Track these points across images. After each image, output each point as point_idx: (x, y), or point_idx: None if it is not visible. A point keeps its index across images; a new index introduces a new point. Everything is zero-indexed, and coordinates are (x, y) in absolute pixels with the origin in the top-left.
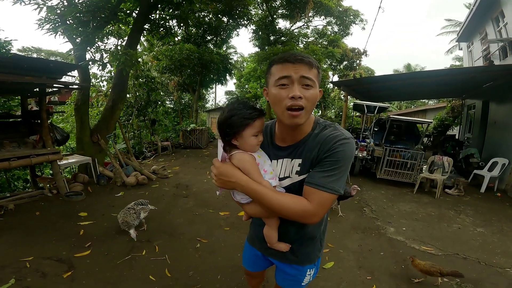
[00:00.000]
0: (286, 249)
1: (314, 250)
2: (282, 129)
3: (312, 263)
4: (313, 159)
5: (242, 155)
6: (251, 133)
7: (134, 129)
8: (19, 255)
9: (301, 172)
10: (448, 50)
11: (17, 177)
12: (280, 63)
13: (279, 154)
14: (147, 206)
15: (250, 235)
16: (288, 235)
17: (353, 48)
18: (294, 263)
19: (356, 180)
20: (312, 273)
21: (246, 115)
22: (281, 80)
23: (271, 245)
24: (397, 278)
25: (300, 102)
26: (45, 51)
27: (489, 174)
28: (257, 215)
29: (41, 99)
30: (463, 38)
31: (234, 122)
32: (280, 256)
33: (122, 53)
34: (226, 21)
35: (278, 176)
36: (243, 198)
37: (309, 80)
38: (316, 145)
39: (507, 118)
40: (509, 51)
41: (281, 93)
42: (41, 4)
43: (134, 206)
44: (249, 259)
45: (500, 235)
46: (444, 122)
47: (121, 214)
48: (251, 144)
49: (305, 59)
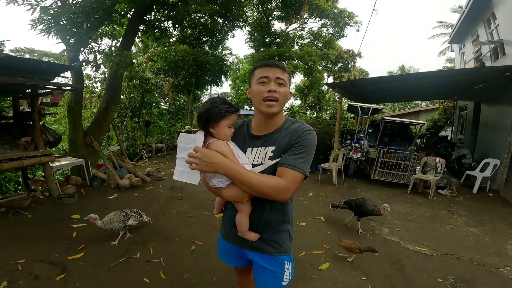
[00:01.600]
0: (255, 239)
1: (284, 239)
2: (259, 120)
3: (286, 253)
4: (285, 145)
5: (219, 142)
6: (226, 124)
7: (128, 131)
8: (11, 257)
9: (273, 157)
10: (441, 52)
11: (8, 179)
12: (262, 67)
13: (254, 143)
14: (141, 216)
15: (224, 230)
16: (258, 223)
17: (347, 50)
18: (268, 253)
19: (350, 181)
20: (290, 267)
21: (225, 108)
22: (261, 79)
23: (242, 234)
24: (392, 279)
25: (275, 94)
26: (38, 52)
27: (481, 174)
28: (234, 198)
29: (33, 100)
30: (455, 40)
31: (215, 112)
32: (254, 246)
33: (116, 54)
34: (222, 23)
35: (252, 163)
36: (220, 182)
37: (282, 80)
38: (287, 134)
39: (498, 119)
40: (500, 53)
41: (261, 88)
42: (35, 5)
43: (128, 210)
44: (224, 252)
45: (492, 235)
46: (436, 124)
47: (111, 213)
48: (225, 133)
49: (280, 65)
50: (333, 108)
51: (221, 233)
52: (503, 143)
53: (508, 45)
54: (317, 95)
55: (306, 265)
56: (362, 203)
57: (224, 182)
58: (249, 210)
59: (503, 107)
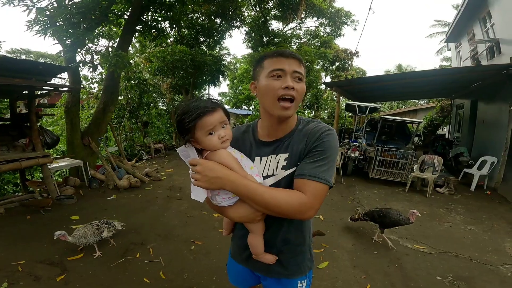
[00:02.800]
0: (273, 262)
1: (304, 259)
2: (268, 123)
3: (303, 274)
4: (301, 152)
5: (218, 153)
6: (203, 133)
7: (126, 132)
8: (11, 258)
9: (287, 166)
10: (438, 51)
11: (7, 181)
12: (275, 57)
13: (263, 151)
14: (112, 226)
15: (234, 250)
16: (274, 243)
17: (345, 49)
18: (283, 276)
19: (349, 180)
20: (304, 285)
21: (190, 115)
22: (274, 72)
23: (257, 257)
24: (391, 277)
25: (293, 92)
26: (35, 53)
27: (479, 172)
28: (244, 219)
29: (30, 101)
30: (451, 39)
31: (181, 128)
32: (268, 270)
33: (113, 55)
34: (219, 23)
35: (262, 174)
36: (226, 199)
37: (300, 74)
38: (303, 138)
39: (495, 117)
40: (496, 51)
41: (274, 84)
42: (31, 6)
43: (98, 222)
44: (236, 275)
45: (490, 233)
46: (434, 122)
47: (81, 227)
48: (212, 143)
49: (297, 56)
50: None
51: (230, 251)
52: (500, 141)
53: (504, 44)
54: (315, 94)
55: None
56: (386, 213)
57: (231, 199)
58: (262, 229)
59: (499, 105)
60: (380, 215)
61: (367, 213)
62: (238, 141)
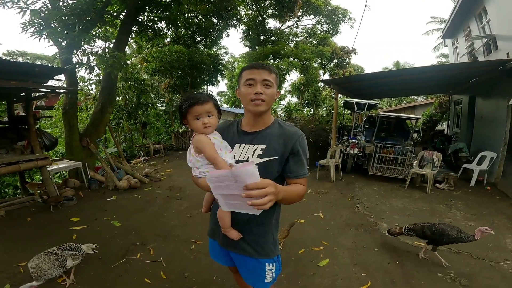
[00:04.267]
0: (237, 238)
1: (267, 243)
2: (248, 118)
3: (268, 257)
4: (281, 150)
5: (198, 136)
6: (192, 117)
7: (125, 133)
8: (12, 260)
9: (263, 155)
10: (435, 47)
11: (7, 184)
12: (249, 69)
13: (243, 139)
14: (79, 252)
15: (211, 228)
16: (238, 220)
17: (342, 47)
18: (249, 254)
19: (348, 177)
20: (273, 268)
21: (186, 103)
22: (248, 81)
23: (224, 230)
24: (392, 274)
25: (261, 96)
26: (31, 55)
27: (478, 168)
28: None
29: (28, 104)
30: (448, 35)
31: (180, 108)
32: (236, 247)
33: (110, 56)
34: (216, 22)
35: (238, 158)
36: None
37: (269, 81)
38: (280, 136)
39: (493, 112)
40: (493, 47)
41: (248, 90)
42: (24, 8)
43: (58, 250)
44: (212, 250)
45: (491, 229)
46: (432, 118)
47: (34, 258)
48: (196, 126)
49: (267, 67)
50: (330, 105)
51: (208, 232)
52: (498, 136)
53: (501, 40)
54: (314, 92)
55: (306, 261)
56: (442, 230)
57: (205, 173)
58: None
59: (497, 101)
60: (435, 231)
61: (414, 229)
62: (224, 131)
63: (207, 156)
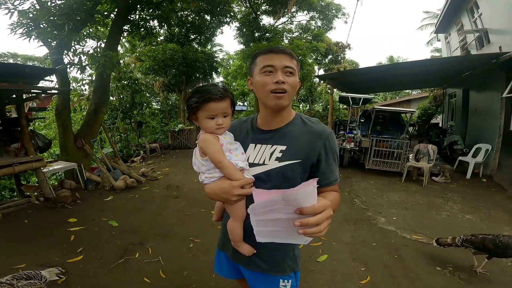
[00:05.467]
0: (250, 253)
1: (285, 258)
2: (266, 114)
3: (283, 274)
4: (307, 152)
5: (203, 135)
6: (204, 115)
7: (120, 133)
8: (11, 262)
9: (282, 159)
10: (428, 42)
11: (3, 187)
12: (265, 53)
13: (259, 138)
14: (40, 280)
15: (221, 240)
16: (251, 233)
17: (337, 42)
18: (262, 271)
19: (345, 171)
20: (288, 285)
21: (198, 97)
22: (266, 68)
23: (235, 244)
24: (391, 268)
25: (284, 86)
26: (22, 56)
27: (474, 160)
28: (216, 197)
29: (19, 105)
30: (440, 30)
31: (189, 104)
32: (248, 263)
33: (101, 55)
34: (209, 20)
35: (252, 161)
36: (208, 178)
37: (291, 68)
38: (303, 134)
39: (487, 105)
40: (485, 41)
41: (265, 79)
42: (12, 9)
43: (12, 280)
44: (219, 263)
45: (488, 221)
46: (427, 111)
47: None
48: (208, 125)
49: (287, 51)
50: (326, 100)
51: (218, 244)
52: (493, 128)
53: (492, 33)
54: (309, 87)
55: (305, 257)
56: (509, 244)
57: (211, 179)
58: (242, 215)
59: (491, 93)
60: (499, 245)
61: (472, 241)
62: (236, 129)
63: (211, 159)
